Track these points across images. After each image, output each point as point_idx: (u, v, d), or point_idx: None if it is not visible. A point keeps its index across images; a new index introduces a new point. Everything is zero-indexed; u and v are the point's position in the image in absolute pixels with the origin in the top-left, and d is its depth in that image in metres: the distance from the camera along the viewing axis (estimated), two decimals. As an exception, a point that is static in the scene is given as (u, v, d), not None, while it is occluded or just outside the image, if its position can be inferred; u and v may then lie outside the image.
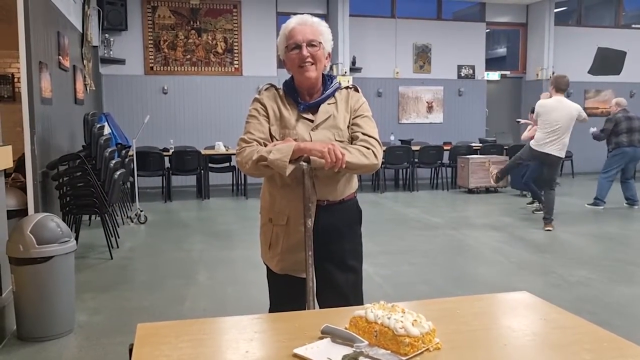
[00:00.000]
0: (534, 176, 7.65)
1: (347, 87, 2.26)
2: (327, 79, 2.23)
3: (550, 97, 6.80)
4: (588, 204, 8.29)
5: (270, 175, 2.14)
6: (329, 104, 2.19)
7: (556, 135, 6.50)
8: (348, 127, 2.18)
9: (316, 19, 2.17)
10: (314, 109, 2.17)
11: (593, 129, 8.46)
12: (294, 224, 2.15)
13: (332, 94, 2.21)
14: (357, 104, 2.22)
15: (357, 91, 2.27)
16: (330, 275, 2.17)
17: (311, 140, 2.09)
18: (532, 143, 6.79)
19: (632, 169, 8.30)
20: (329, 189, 2.15)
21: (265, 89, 2.23)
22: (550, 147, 6.54)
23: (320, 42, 2.13)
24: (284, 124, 2.14)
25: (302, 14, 2.21)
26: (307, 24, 2.13)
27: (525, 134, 8.32)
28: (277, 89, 2.23)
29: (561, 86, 6.64)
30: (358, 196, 2.35)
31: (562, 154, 6.63)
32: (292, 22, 2.15)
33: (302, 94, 2.19)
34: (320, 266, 2.15)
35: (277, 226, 2.19)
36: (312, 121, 2.15)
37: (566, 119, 6.49)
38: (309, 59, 2.10)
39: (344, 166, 1.97)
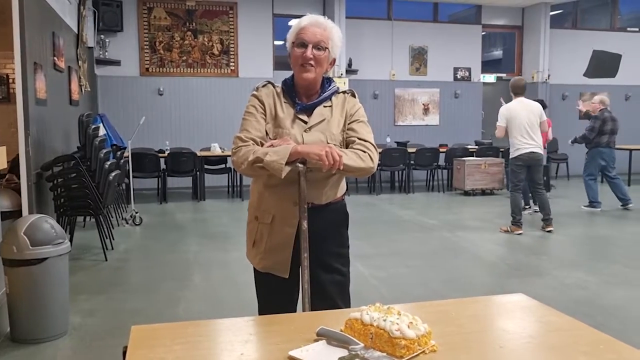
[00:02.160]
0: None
1: (344, 92, 2.26)
2: (326, 82, 2.23)
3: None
4: (584, 206, 8.31)
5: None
6: (324, 106, 2.19)
7: (528, 134, 6.56)
8: (342, 131, 2.18)
9: (330, 23, 2.17)
10: (310, 110, 2.18)
11: (570, 141, 8.48)
12: (279, 224, 2.15)
13: (329, 98, 2.21)
14: (353, 109, 2.22)
15: (354, 96, 2.27)
16: (315, 277, 2.16)
17: (303, 141, 2.09)
18: (511, 155, 6.78)
19: (613, 168, 8.32)
20: (315, 192, 2.14)
21: (263, 86, 2.23)
22: (529, 147, 6.58)
23: (327, 48, 2.13)
24: (278, 123, 2.14)
25: (301, 15, 2.20)
26: (319, 26, 2.13)
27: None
28: (274, 86, 2.23)
29: (518, 90, 6.73)
30: (353, 198, 2.36)
31: (542, 151, 6.71)
32: (306, 20, 2.15)
33: (299, 94, 2.19)
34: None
35: (262, 224, 2.19)
36: (305, 122, 2.15)
37: (533, 117, 6.59)
38: (311, 61, 2.10)
39: (341, 168, 1.97)
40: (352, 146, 2.13)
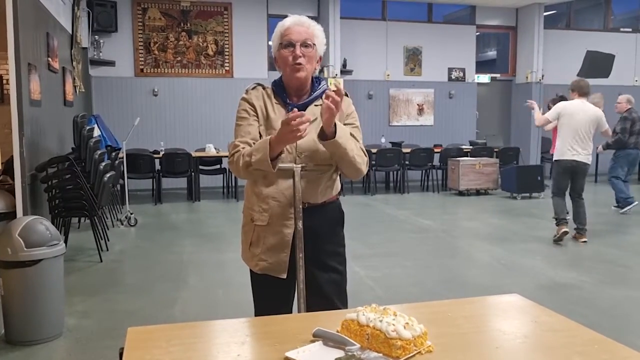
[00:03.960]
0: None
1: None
2: (315, 80, 2.24)
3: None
4: (616, 206, 8.11)
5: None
6: (316, 105, 2.19)
7: (580, 140, 5.98)
8: None
9: (312, 21, 2.20)
10: (302, 110, 2.17)
11: (601, 146, 8.12)
12: (275, 225, 2.15)
13: (320, 96, 2.21)
14: (349, 109, 2.24)
15: (347, 96, 2.27)
16: (312, 276, 2.17)
17: (296, 142, 2.08)
18: (555, 157, 6.22)
19: (631, 171, 8.18)
20: (310, 192, 2.15)
21: (253, 88, 2.23)
22: (575, 154, 5.99)
23: (314, 44, 2.15)
24: (269, 124, 2.15)
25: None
26: (303, 25, 2.16)
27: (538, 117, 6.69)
28: (264, 88, 2.23)
29: (584, 90, 6.13)
30: (348, 198, 2.37)
31: (589, 161, 6.05)
32: (289, 20, 2.17)
33: (290, 95, 2.20)
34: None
35: (258, 226, 2.19)
36: None
37: (591, 123, 6.00)
38: (301, 59, 2.11)
39: (340, 98, 1.94)
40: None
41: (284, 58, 2.14)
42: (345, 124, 2.19)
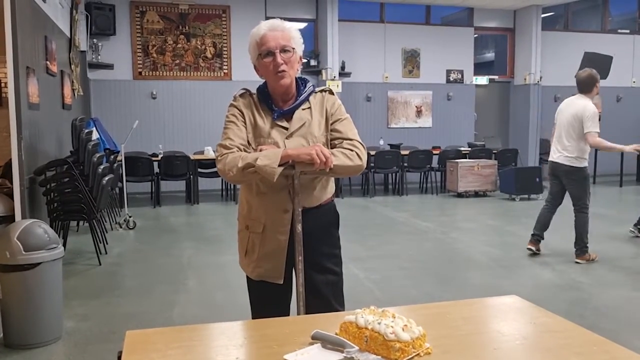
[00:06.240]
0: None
1: (322, 91, 2.25)
2: (301, 83, 2.21)
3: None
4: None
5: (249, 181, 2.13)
6: (303, 109, 2.17)
7: (559, 138, 5.37)
8: (325, 131, 2.17)
9: (287, 24, 2.16)
10: (289, 115, 2.16)
11: None
12: (270, 232, 2.15)
13: (307, 99, 2.19)
14: (333, 108, 2.20)
15: (332, 94, 2.26)
16: (309, 278, 2.17)
17: (285, 148, 2.08)
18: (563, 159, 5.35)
19: None
20: (305, 196, 2.14)
21: (240, 95, 2.22)
22: (553, 154, 5.45)
23: (293, 48, 2.12)
24: (258, 132, 2.13)
25: (294, 19, 2.20)
26: (278, 30, 2.12)
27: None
28: (251, 95, 2.22)
29: (577, 84, 5.38)
30: (347, 200, 2.37)
31: (569, 161, 5.30)
32: (263, 28, 2.14)
33: (276, 100, 2.18)
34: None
35: (253, 233, 2.19)
36: (286, 129, 2.14)
37: (569, 120, 5.29)
38: (283, 66, 2.09)
39: (332, 166, 1.97)
40: (338, 146, 2.12)
41: (266, 67, 2.12)
42: (332, 123, 2.18)
